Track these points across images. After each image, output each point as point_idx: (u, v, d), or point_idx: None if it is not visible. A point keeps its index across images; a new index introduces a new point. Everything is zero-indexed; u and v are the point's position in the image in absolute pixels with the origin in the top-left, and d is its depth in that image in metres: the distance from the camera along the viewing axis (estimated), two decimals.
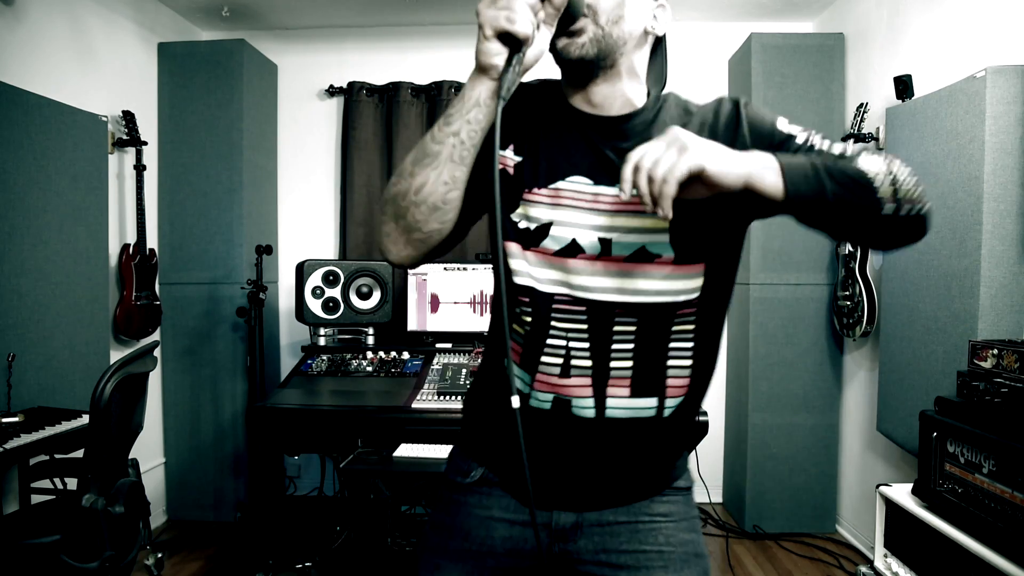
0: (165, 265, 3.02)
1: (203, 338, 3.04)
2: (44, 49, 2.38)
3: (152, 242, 2.92)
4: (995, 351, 1.59)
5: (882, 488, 1.81)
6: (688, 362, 0.90)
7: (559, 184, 0.88)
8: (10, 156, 2.13)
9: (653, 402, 0.89)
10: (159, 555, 2.47)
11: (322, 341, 2.89)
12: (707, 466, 3.20)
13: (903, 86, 2.34)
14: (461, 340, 2.91)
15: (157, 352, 2.19)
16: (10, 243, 2.13)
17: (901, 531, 1.75)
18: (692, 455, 2.62)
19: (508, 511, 0.95)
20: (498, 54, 0.77)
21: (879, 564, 1.82)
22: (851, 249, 2.64)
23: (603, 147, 0.87)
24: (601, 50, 0.84)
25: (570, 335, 0.87)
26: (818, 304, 2.93)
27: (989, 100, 1.88)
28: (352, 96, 3.30)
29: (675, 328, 0.88)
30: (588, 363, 0.87)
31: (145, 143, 2.78)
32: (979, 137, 1.91)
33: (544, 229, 0.87)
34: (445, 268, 2.92)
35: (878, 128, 2.61)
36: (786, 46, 2.92)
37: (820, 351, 2.94)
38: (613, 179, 0.86)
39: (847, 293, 2.67)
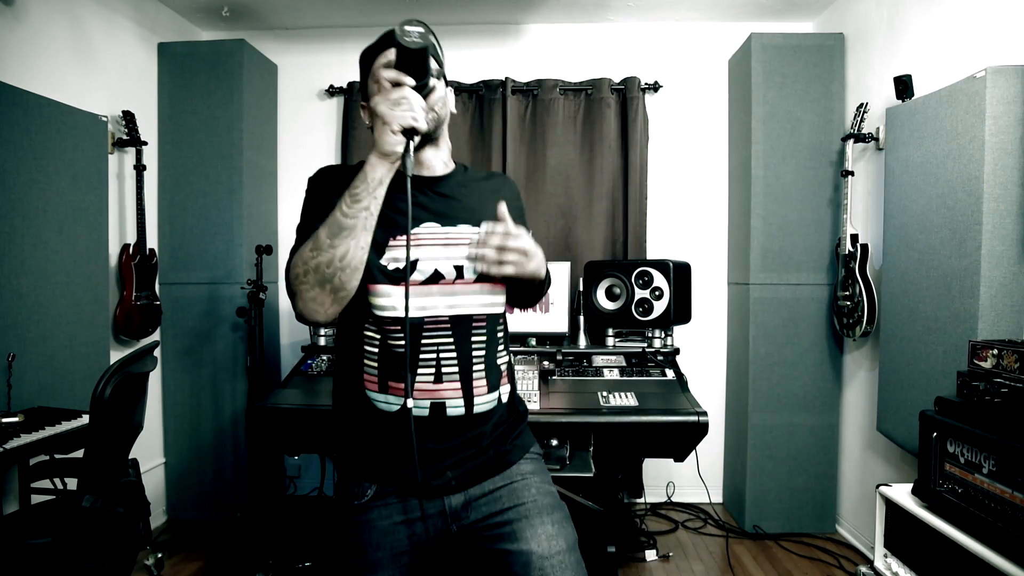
0: (165, 265, 3.02)
1: (203, 338, 3.04)
2: (44, 49, 2.38)
3: (152, 242, 2.92)
4: (995, 351, 1.59)
5: (882, 488, 1.81)
6: (506, 356, 1.22)
7: (417, 230, 1.13)
8: (10, 156, 2.13)
9: (496, 394, 1.17)
10: (159, 555, 2.47)
11: (322, 341, 2.89)
12: (707, 466, 3.20)
13: (903, 86, 2.34)
14: None
15: (157, 352, 2.19)
16: (10, 243, 2.13)
17: (901, 531, 1.75)
18: (692, 455, 2.63)
19: (406, 513, 1.13)
20: (399, 143, 1.00)
21: (879, 564, 1.81)
22: (851, 249, 2.64)
23: (436, 198, 1.16)
24: (436, 128, 1.15)
25: (440, 348, 1.10)
26: (818, 304, 2.93)
27: (989, 100, 1.88)
28: (352, 96, 3.30)
29: (498, 330, 1.19)
30: (456, 369, 1.11)
31: (145, 143, 2.78)
32: (979, 137, 1.91)
33: (411, 266, 1.09)
34: None
35: (878, 128, 2.61)
36: (786, 46, 2.92)
37: (820, 351, 2.94)
38: (450, 220, 1.15)
39: (847, 293, 2.67)
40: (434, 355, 1.10)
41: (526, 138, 3.29)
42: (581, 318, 2.89)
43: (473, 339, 1.13)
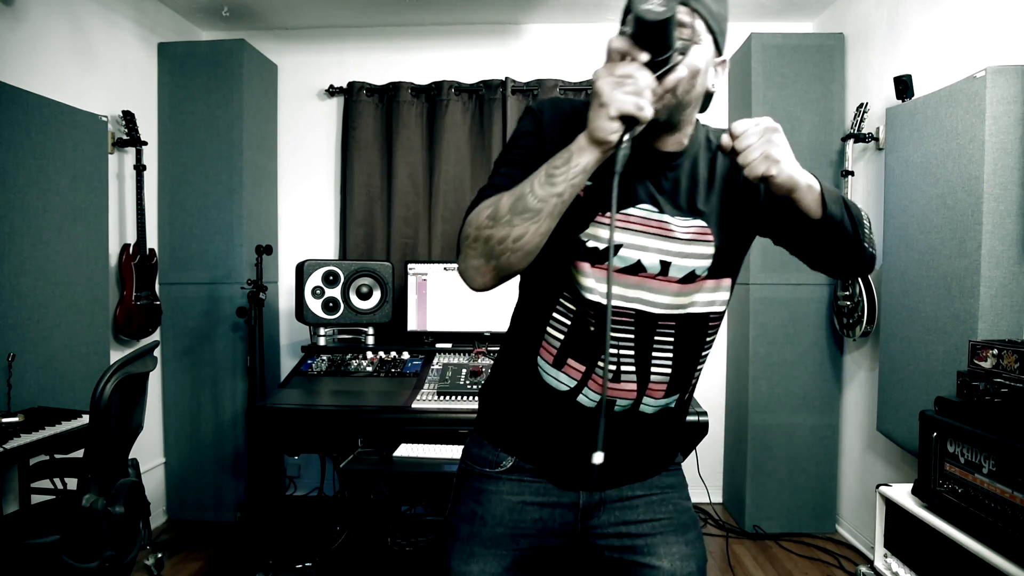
0: (165, 265, 3.02)
1: (203, 338, 3.04)
2: (44, 49, 2.38)
3: (152, 242, 2.92)
4: (995, 351, 1.59)
5: (882, 488, 1.81)
6: (704, 363, 1.10)
7: (630, 210, 0.97)
8: (10, 156, 2.13)
9: (675, 398, 1.06)
10: (159, 555, 2.47)
11: (322, 341, 2.89)
12: (707, 466, 3.20)
13: (903, 86, 2.34)
14: (461, 340, 2.91)
15: (157, 352, 2.19)
16: (10, 243, 2.13)
17: (901, 531, 1.75)
18: (692, 455, 2.63)
19: (539, 495, 1.06)
20: (616, 132, 0.81)
21: (879, 564, 1.81)
22: None
23: (659, 178, 0.99)
24: (673, 114, 0.92)
25: (621, 344, 0.99)
26: (818, 304, 2.93)
27: (989, 100, 1.88)
28: (352, 96, 3.30)
29: (707, 337, 1.05)
30: (633, 368, 1.00)
31: (145, 143, 2.79)
32: (979, 137, 1.91)
33: (614, 249, 0.95)
34: (445, 268, 2.92)
35: (878, 128, 2.61)
36: (786, 46, 2.92)
37: (820, 351, 2.94)
38: (670, 207, 0.98)
39: (847, 293, 2.67)
40: (616, 351, 1.00)
41: None
42: None
43: (656, 339, 1.00)
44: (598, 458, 0.85)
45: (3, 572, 1.61)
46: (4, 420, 1.90)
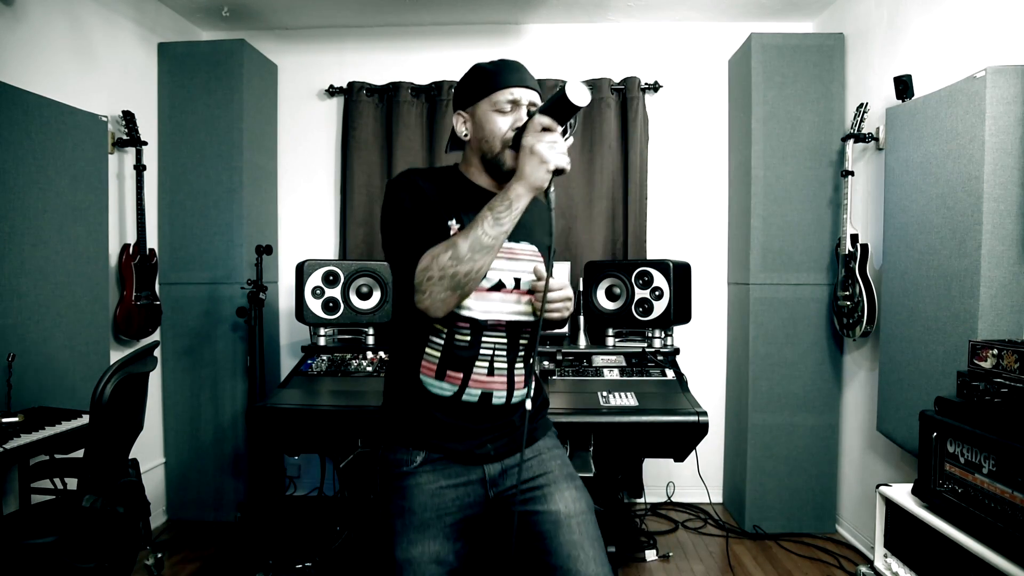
0: (165, 265, 3.02)
1: (203, 338, 3.04)
2: (44, 49, 2.38)
3: (152, 242, 2.92)
4: (995, 351, 1.59)
5: (882, 488, 1.81)
6: (535, 356, 1.38)
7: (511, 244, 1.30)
8: (10, 156, 2.13)
9: (528, 388, 1.34)
10: (159, 555, 2.47)
11: (322, 341, 2.89)
12: (707, 466, 3.20)
13: (903, 86, 2.34)
14: None
15: (157, 352, 2.19)
16: (10, 243, 2.13)
17: (901, 531, 1.75)
18: (692, 455, 2.62)
19: (452, 477, 1.27)
20: (547, 180, 1.15)
21: (879, 564, 1.81)
22: (851, 249, 2.64)
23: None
24: None
25: (495, 347, 1.28)
26: (818, 304, 2.93)
27: (989, 100, 1.88)
28: (352, 96, 3.30)
29: (535, 337, 1.35)
30: (504, 366, 1.29)
31: (145, 143, 2.78)
32: (979, 137, 1.91)
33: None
34: None
35: (878, 128, 2.61)
36: (786, 46, 2.92)
37: (820, 351, 2.94)
38: (515, 238, 1.29)
39: (847, 293, 2.67)
40: (490, 352, 1.27)
41: None
42: (581, 318, 2.88)
43: (521, 342, 1.31)
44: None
45: (3, 572, 1.61)
46: (4, 420, 1.90)
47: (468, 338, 1.25)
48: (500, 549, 1.31)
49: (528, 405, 1.26)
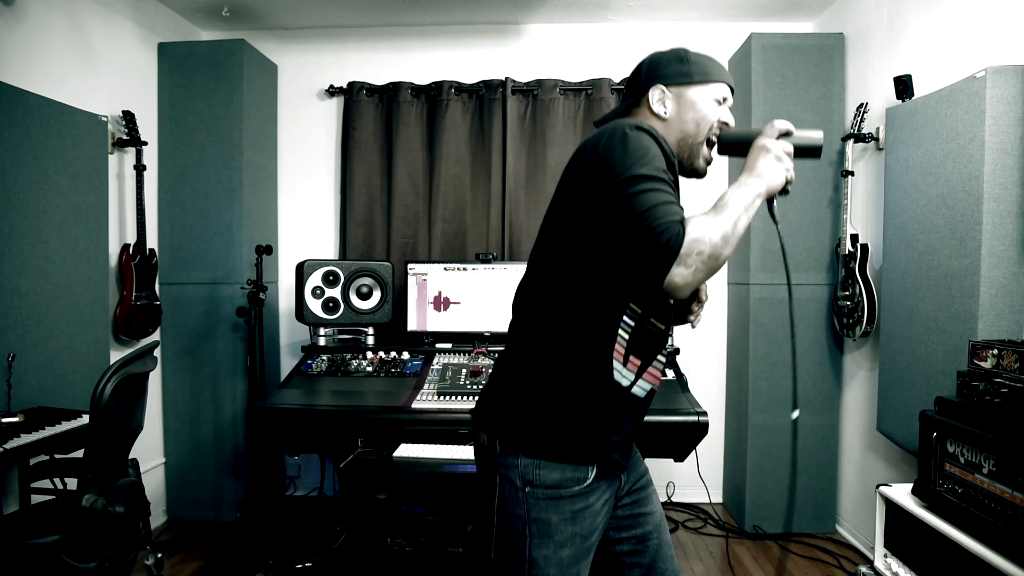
0: (165, 265, 3.02)
1: (203, 338, 3.04)
2: (44, 49, 2.37)
3: (152, 242, 2.92)
4: (995, 351, 1.59)
5: (882, 488, 1.81)
6: None
7: None
8: (10, 156, 2.13)
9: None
10: (159, 555, 2.47)
11: (322, 341, 2.89)
12: (707, 466, 3.20)
13: (903, 86, 2.34)
14: (461, 340, 2.91)
15: (157, 352, 2.19)
16: (10, 243, 2.13)
17: (901, 531, 1.75)
18: (692, 455, 2.63)
19: (607, 491, 1.16)
20: (782, 185, 1.08)
21: (879, 564, 1.81)
22: (851, 249, 2.64)
23: None
24: None
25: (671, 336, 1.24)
26: (818, 304, 2.93)
27: (989, 100, 1.88)
28: (352, 96, 3.30)
29: None
30: (664, 358, 1.19)
31: (145, 143, 2.78)
32: (979, 137, 1.91)
33: None
34: (445, 268, 2.92)
35: (878, 128, 2.61)
36: (786, 46, 2.92)
37: (820, 351, 2.94)
38: None
39: (847, 293, 2.67)
40: (668, 340, 1.21)
41: (526, 138, 3.29)
42: None
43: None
44: (796, 413, 1.19)
45: (3, 572, 1.61)
46: (4, 420, 1.90)
47: (664, 324, 1.15)
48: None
49: None
